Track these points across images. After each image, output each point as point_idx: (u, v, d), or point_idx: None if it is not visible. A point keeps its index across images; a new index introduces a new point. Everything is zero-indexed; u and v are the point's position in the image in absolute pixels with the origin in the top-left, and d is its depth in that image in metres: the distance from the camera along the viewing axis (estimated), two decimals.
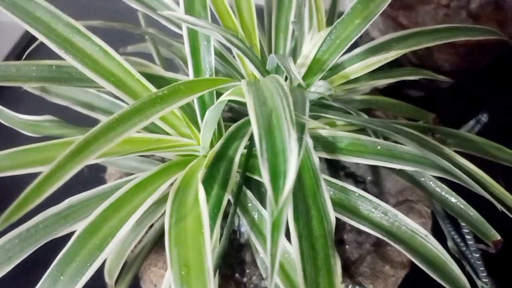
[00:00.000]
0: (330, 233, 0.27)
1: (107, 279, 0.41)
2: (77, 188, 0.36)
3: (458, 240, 0.44)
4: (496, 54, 0.62)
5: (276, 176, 0.21)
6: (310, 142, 0.35)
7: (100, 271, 0.42)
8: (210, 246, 0.23)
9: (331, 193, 0.34)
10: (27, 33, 0.84)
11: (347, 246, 0.45)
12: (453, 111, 0.74)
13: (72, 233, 0.31)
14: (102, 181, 0.50)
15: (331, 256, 0.26)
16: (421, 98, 0.74)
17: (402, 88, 0.71)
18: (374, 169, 0.50)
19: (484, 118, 0.64)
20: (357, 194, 0.34)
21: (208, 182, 0.34)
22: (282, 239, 0.21)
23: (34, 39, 0.35)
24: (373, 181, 0.50)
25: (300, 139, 0.26)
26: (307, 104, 0.29)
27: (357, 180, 0.49)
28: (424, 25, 0.61)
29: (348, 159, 0.36)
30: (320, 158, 0.48)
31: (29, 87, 0.41)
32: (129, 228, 0.31)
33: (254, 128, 0.24)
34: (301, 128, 0.27)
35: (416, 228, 0.32)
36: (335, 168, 0.49)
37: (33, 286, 0.29)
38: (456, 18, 0.61)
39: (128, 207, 0.32)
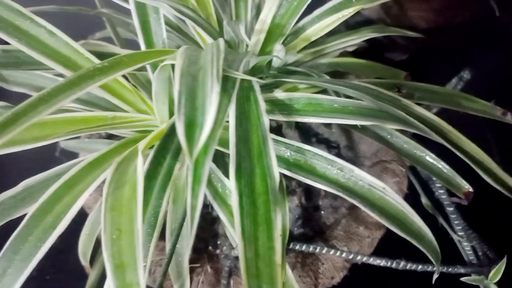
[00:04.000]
0: (273, 189, 0.26)
1: (82, 261, 0.42)
2: None
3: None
4: (472, 8, 0.59)
5: (192, 128, 0.21)
6: (263, 105, 0.34)
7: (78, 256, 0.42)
8: (141, 210, 0.23)
9: (287, 154, 0.34)
10: None
11: (322, 212, 0.45)
12: (437, 71, 0.72)
13: None
14: None
15: (272, 211, 0.25)
16: (403, 61, 0.72)
17: (382, 52, 0.70)
18: (348, 134, 0.49)
19: (466, 75, 0.62)
20: (312, 152, 0.33)
21: (161, 153, 0.33)
22: (203, 193, 0.21)
23: None
24: (347, 146, 0.49)
25: (228, 93, 0.25)
26: (243, 63, 0.29)
27: (331, 146, 0.49)
28: None
29: (304, 119, 0.35)
30: (291, 127, 0.48)
31: None
32: (82, 203, 0.31)
33: (175, 85, 0.23)
34: (232, 84, 0.26)
35: (373, 182, 0.32)
36: (307, 135, 0.48)
37: None
38: None
39: (82, 185, 0.32)
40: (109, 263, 0.22)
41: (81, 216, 0.39)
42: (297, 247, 0.37)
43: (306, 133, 0.49)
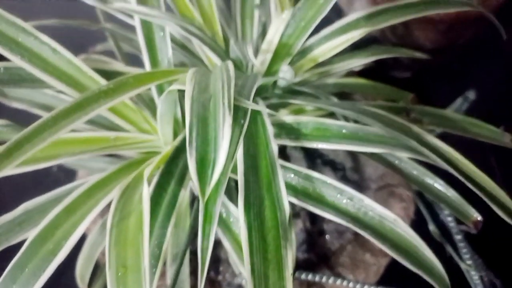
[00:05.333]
0: (283, 223, 0.26)
1: (79, 284, 0.40)
2: None
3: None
4: (478, 29, 0.59)
5: (205, 165, 0.20)
6: (270, 129, 0.33)
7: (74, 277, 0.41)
8: (148, 245, 0.22)
9: (295, 181, 0.33)
10: None
11: (327, 236, 0.44)
12: (440, 90, 0.72)
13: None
14: None
15: (283, 247, 0.24)
16: (407, 79, 0.71)
17: (386, 70, 0.69)
18: (354, 155, 0.49)
19: (471, 95, 0.62)
20: (321, 180, 0.32)
21: (165, 178, 0.33)
22: (214, 232, 0.20)
23: None
24: (353, 168, 0.48)
25: (239, 125, 0.24)
26: (254, 89, 0.28)
27: (336, 168, 0.48)
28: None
29: (312, 144, 0.34)
30: (296, 148, 0.47)
31: None
32: (83, 230, 0.30)
33: (187, 116, 0.22)
34: (243, 114, 0.25)
35: (384, 213, 0.31)
36: (312, 157, 0.48)
37: None
38: None
39: (83, 209, 0.31)
40: None
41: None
42: (302, 276, 0.36)
43: (312, 155, 0.48)
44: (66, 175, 0.49)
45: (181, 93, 0.36)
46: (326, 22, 0.44)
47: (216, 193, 0.21)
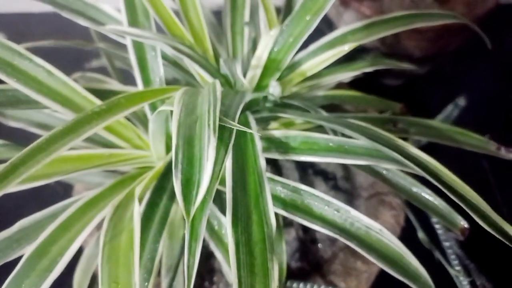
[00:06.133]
0: (269, 237, 0.27)
1: None
2: None
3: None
4: (466, 36, 0.60)
5: (189, 186, 0.21)
6: (259, 145, 0.34)
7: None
8: (139, 262, 0.23)
9: (284, 193, 0.34)
10: None
11: (319, 245, 0.45)
12: (431, 97, 0.73)
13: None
14: None
15: (269, 260, 0.25)
16: (399, 87, 0.72)
17: (377, 78, 0.70)
18: (344, 165, 0.50)
19: (461, 102, 0.63)
20: (309, 193, 0.33)
21: (157, 193, 0.34)
22: (200, 249, 0.21)
23: None
24: (344, 177, 0.49)
25: (225, 144, 0.25)
26: (240, 108, 0.29)
27: (327, 177, 0.49)
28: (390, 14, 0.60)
29: (300, 158, 0.35)
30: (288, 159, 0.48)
31: None
32: (78, 246, 0.31)
33: (173, 138, 0.23)
34: (228, 134, 0.26)
35: (369, 224, 0.32)
36: (303, 167, 0.49)
37: None
38: (422, 3, 0.60)
39: (78, 226, 0.32)
40: None
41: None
42: (294, 285, 0.37)
43: (303, 165, 0.49)
44: (63, 188, 0.50)
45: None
46: (316, 32, 0.45)
47: (202, 212, 0.22)
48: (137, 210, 0.26)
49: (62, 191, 0.53)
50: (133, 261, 0.23)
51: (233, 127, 0.25)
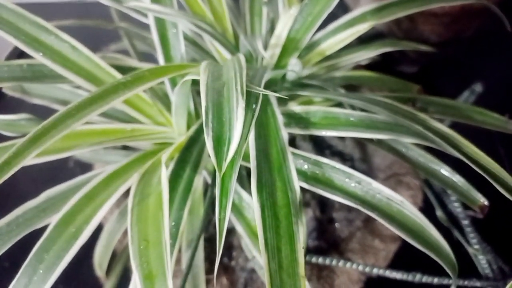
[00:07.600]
0: (294, 202, 0.27)
1: (97, 271, 0.42)
2: None
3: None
4: (483, 21, 0.60)
5: (220, 143, 0.21)
6: (280, 118, 0.35)
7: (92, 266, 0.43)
8: (168, 221, 0.24)
9: (305, 167, 0.34)
10: None
11: (337, 224, 0.45)
12: (447, 83, 0.72)
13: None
14: None
15: (294, 223, 0.26)
16: (414, 74, 0.72)
17: (393, 64, 0.70)
18: (361, 146, 0.50)
19: (477, 88, 0.62)
20: (330, 165, 0.33)
21: (180, 165, 0.34)
22: (230, 204, 0.21)
23: None
24: (361, 158, 0.49)
25: (252, 109, 0.26)
26: (264, 78, 0.29)
27: (345, 158, 0.49)
28: None
29: (321, 132, 0.36)
30: (305, 139, 0.48)
31: (9, 90, 0.42)
32: (103, 215, 0.31)
33: (202, 101, 0.24)
34: (254, 99, 0.27)
35: (391, 195, 0.32)
36: (321, 147, 0.49)
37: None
38: None
39: (102, 196, 0.33)
40: (138, 273, 0.23)
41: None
42: (313, 259, 0.37)
43: (320, 145, 0.49)
44: (82, 169, 0.50)
45: (194, 87, 0.38)
46: (332, 18, 0.45)
47: (231, 169, 0.23)
48: (165, 173, 0.27)
49: (80, 172, 0.54)
50: (163, 220, 0.24)
51: (259, 92, 0.26)
